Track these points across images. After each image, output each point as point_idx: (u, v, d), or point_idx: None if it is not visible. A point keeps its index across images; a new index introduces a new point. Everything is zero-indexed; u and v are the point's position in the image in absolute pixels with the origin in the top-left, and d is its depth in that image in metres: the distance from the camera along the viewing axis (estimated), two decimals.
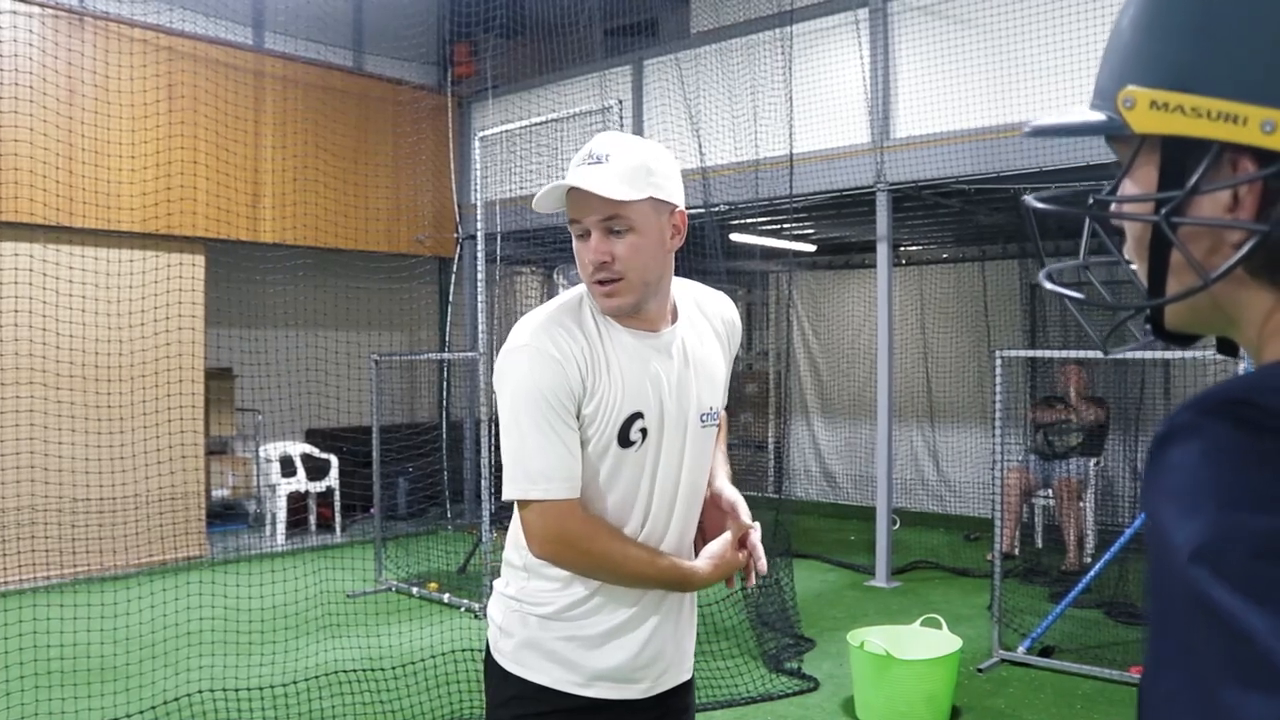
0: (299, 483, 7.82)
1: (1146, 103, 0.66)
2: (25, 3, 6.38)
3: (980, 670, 4.70)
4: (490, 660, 1.72)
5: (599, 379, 1.60)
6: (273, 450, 7.83)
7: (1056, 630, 4.94)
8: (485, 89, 8.36)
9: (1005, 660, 4.79)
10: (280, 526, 7.66)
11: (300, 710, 4.21)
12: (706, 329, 1.76)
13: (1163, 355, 5.69)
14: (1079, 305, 0.76)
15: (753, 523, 1.75)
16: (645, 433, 1.63)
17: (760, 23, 6.79)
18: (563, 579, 1.65)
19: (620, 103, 5.33)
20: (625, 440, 1.62)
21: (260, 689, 4.35)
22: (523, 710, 1.67)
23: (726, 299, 1.85)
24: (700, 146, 6.54)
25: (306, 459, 7.95)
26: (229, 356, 7.45)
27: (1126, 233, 0.73)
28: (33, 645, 4.66)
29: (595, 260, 1.58)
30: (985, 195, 6.30)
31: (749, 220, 7.60)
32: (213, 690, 4.35)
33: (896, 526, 7.09)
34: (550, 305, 1.66)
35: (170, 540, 6.90)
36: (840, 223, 7.90)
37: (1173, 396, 7.08)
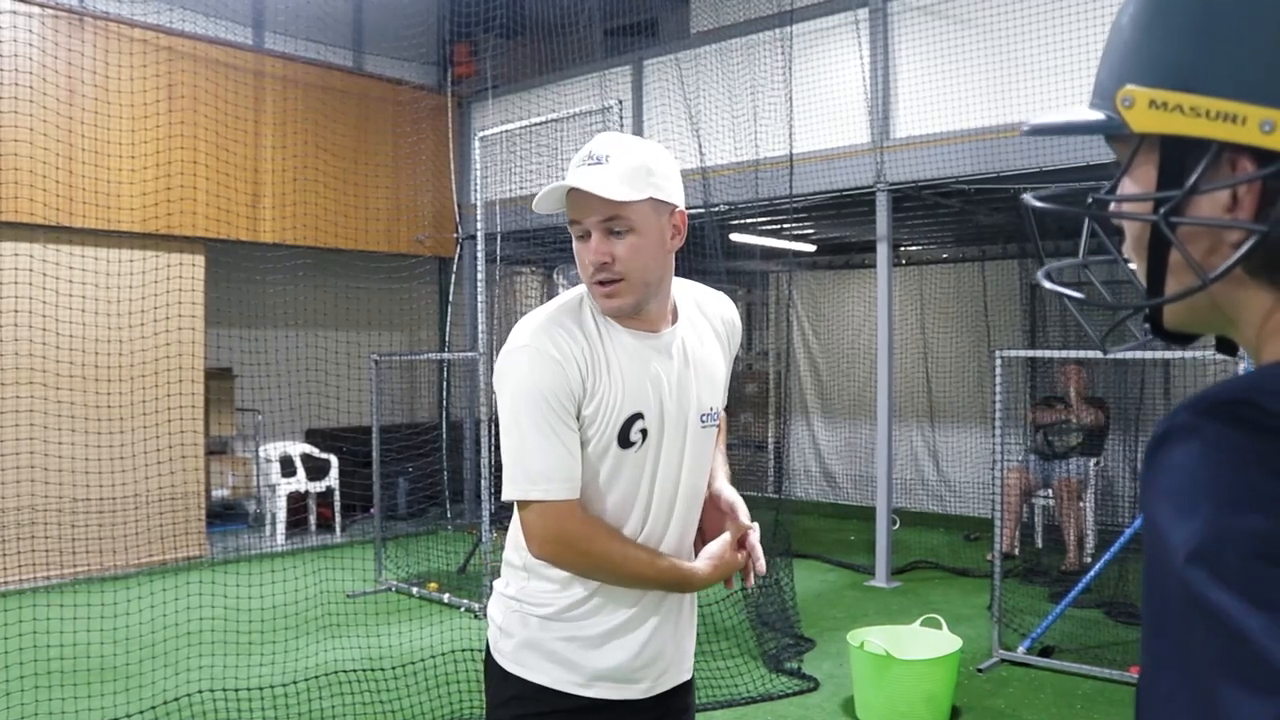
0: (299, 483, 7.82)
1: (1145, 102, 0.66)
2: (25, 3, 6.38)
3: (980, 670, 4.70)
4: (490, 660, 1.72)
5: (599, 380, 1.60)
6: (273, 450, 7.82)
7: (1056, 630, 4.94)
8: (485, 89, 8.36)
9: (1005, 660, 4.79)
10: (280, 526, 7.66)
11: (300, 710, 4.21)
12: (707, 329, 1.76)
13: (1162, 355, 5.69)
14: (1078, 305, 0.76)
15: (751, 523, 1.75)
16: (645, 433, 1.63)
17: (760, 23, 6.79)
18: (562, 579, 1.65)
19: (620, 103, 5.33)
20: (625, 441, 1.62)
21: (260, 689, 4.35)
22: (523, 710, 1.67)
23: (726, 299, 1.84)
24: (700, 146, 6.53)
25: (306, 459, 7.95)
26: (229, 356, 7.45)
27: (1125, 232, 0.73)
28: (33, 645, 4.66)
29: (595, 261, 1.58)
30: (985, 195, 6.29)
31: (749, 220, 7.60)
32: (213, 690, 4.35)
33: (896, 526, 7.09)
34: (550, 306, 1.66)
35: (170, 540, 6.90)
36: (840, 223, 7.90)
37: (1173, 396, 7.08)
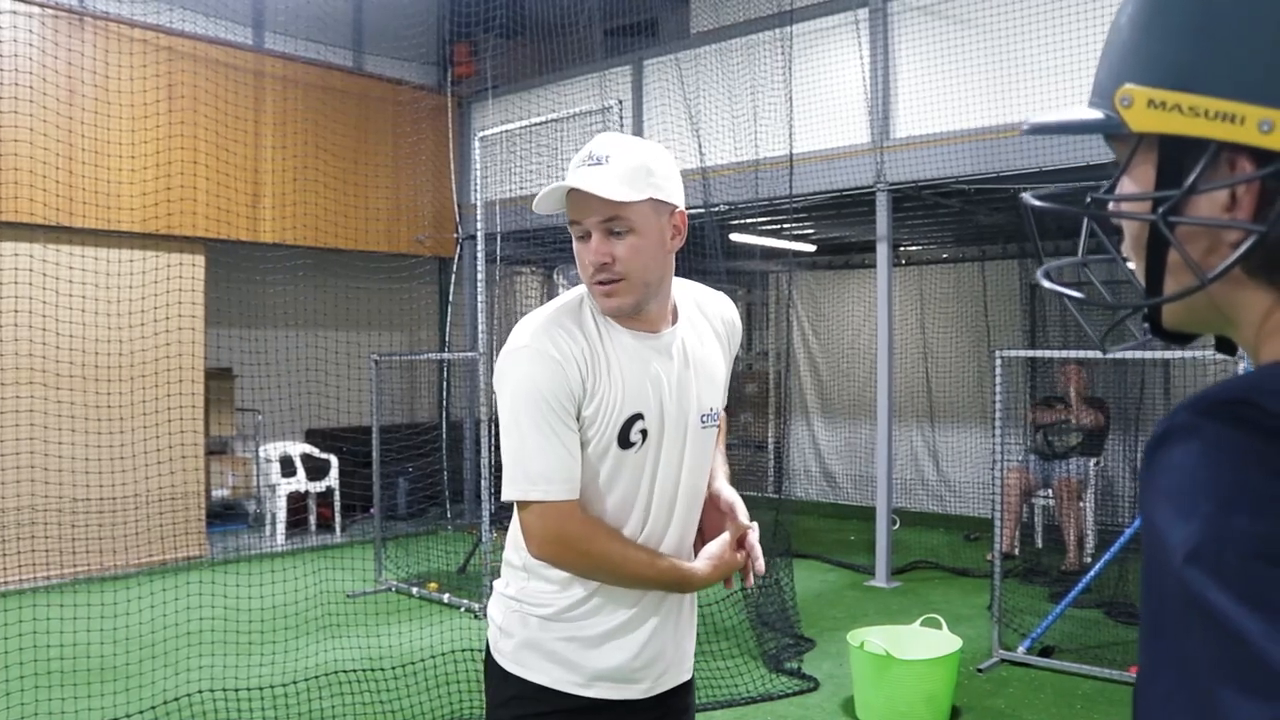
0: (299, 483, 7.82)
1: (1144, 101, 0.66)
2: (25, 3, 6.38)
3: (980, 670, 4.70)
4: (490, 660, 1.72)
5: (599, 380, 1.60)
6: (273, 450, 7.82)
7: (1056, 630, 4.94)
8: (485, 89, 8.36)
9: (1005, 660, 4.79)
10: (280, 526, 7.66)
11: (300, 710, 4.21)
12: (707, 329, 1.76)
13: (1162, 355, 5.69)
14: (1077, 304, 0.76)
15: (750, 523, 1.75)
16: (645, 434, 1.63)
17: (760, 23, 6.78)
18: (562, 580, 1.65)
19: (620, 103, 5.33)
20: (625, 441, 1.62)
21: (260, 689, 4.35)
22: (523, 710, 1.67)
23: (726, 299, 1.84)
24: (700, 146, 6.53)
25: (306, 459, 7.95)
26: (229, 356, 7.45)
27: (1125, 231, 0.73)
28: (33, 645, 4.66)
29: (596, 261, 1.58)
30: (985, 195, 6.29)
31: (749, 220, 7.59)
32: (213, 690, 4.35)
33: (896, 526, 7.08)
34: (550, 306, 1.66)
35: (170, 540, 6.90)
36: (840, 223, 7.90)
37: (1173, 396, 7.08)
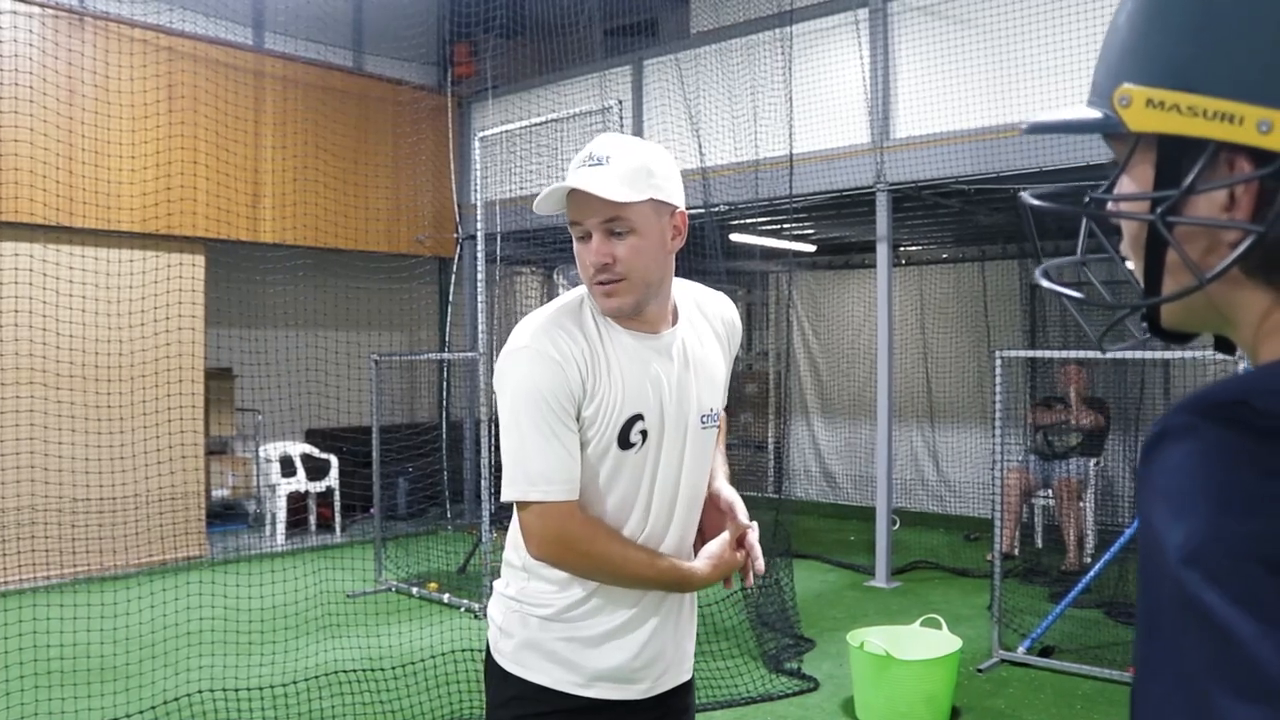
0: (299, 483, 7.82)
1: (1142, 101, 0.65)
2: (25, 3, 6.38)
3: (980, 670, 4.70)
4: (490, 661, 1.72)
5: (599, 381, 1.59)
6: (273, 450, 7.82)
7: (1056, 630, 4.94)
8: (485, 89, 8.36)
9: (1005, 660, 4.79)
10: (280, 526, 7.66)
11: (300, 710, 4.21)
12: (707, 330, 1.76)
13: (1162, 355, 5.69)
14: (1075, 304, 0.76)
15: (750, 522, 1.75)
16: (645, 434, 1.63)
17: (760, 23, 6.78)
18: (561, 580, 1.65)
19: (620, 103, 5.33)
20: (625, 442, 1.62)
21: (260, 689, 4.35)
22: (523, 710, 1.67)
23: (726, 300, 1.84)
24: (700, 147, 6.53)
25: (306, 459, 7.95)
26: (229, 356, 7.45)
27: (1123, 231, 0.73)
28: (33, 645, 4.66)
29: (597, 262, 1.58)
30: (985, 195, 6.29)
31: (749, 220, 7.59)
32: (213, 690, 4.35)
33: (896, 527, 7.08)
34: (550, 307, 1.66)
35: (170, 540, 6.90)
36: (840, 223, 7.90)
37: (1173, 396, 7.08)
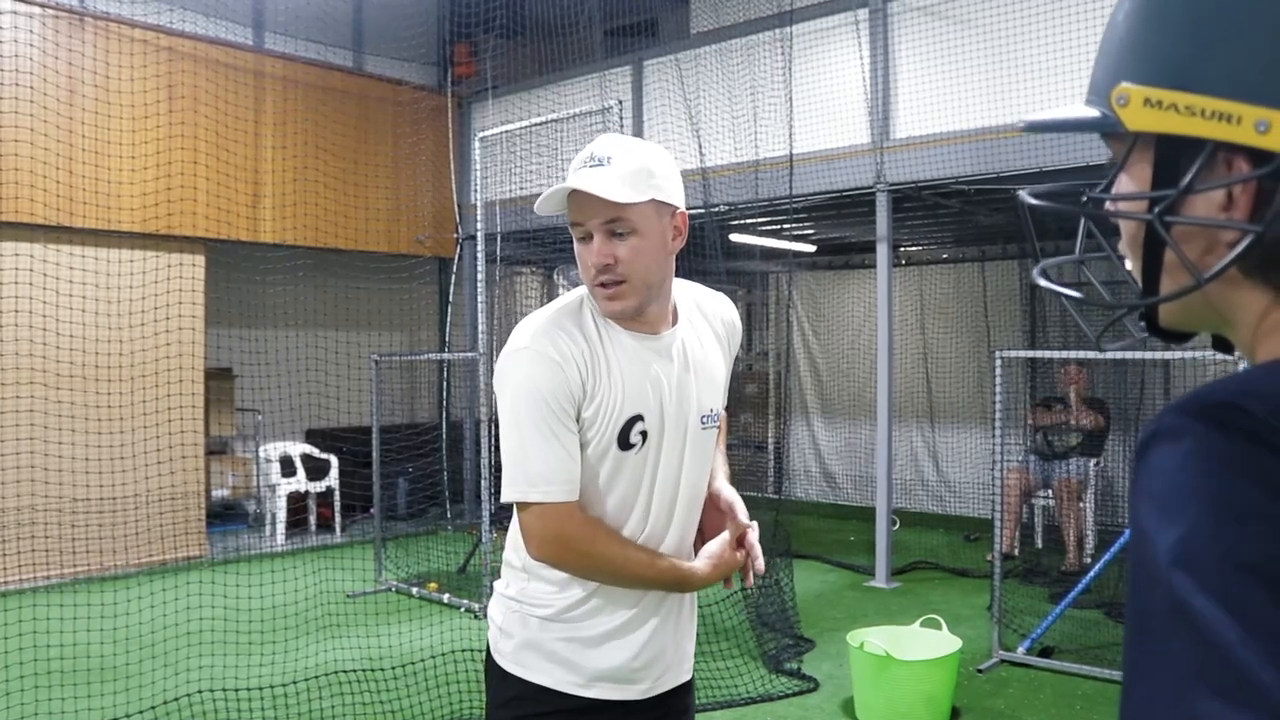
0: (299, 483, 7.82)
1: (1140, 100, 0.65)
2: (25, 3, 6.38)
3: (980, 671, 4.70)
4: (490, 661, 1.72)
5: (599, 382, 1.59)
6: (273, 450, 7.82)
7: (1056, 630, 4.94)
8: (485, 89, 8.36)
9: (1005, 661, 4.79)
10: (280, 526, 7.66)
11: (300, 710, 4.21)
12: (707, 330, 1.76)
13: (1162, 355, 5.69)
14: (1073, 303, 0.76)
15: (750, 522, 1.75)
16: (645, 435, 1.63)
17: (760, 23, 6.79)
18: (561, 580, 1.65)
19: (620, 103, 5.33)
20: (625, 443, 1.62)
21: (260, 689, 4.35)
22: (523, 711, 1.67)
23: (726, 300, 1.84)
24: (700, 147, 6.53)
25: (306, 459, 7.95)
26: (229, 356, 7.45)
27: (1121, 230, 0.73)
28: (33, 645, 4.66)
29: (598, 263, 1.58)
30: (985, 195, 6.29)
31: (749, 220, 7.59)
32: (213, 690, 4.35)
33: (896, 527, 7.08)
34: (551, 307, 1.66)
35: (170, 540, 6.90)
36: (840, 223, 7.90)
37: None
